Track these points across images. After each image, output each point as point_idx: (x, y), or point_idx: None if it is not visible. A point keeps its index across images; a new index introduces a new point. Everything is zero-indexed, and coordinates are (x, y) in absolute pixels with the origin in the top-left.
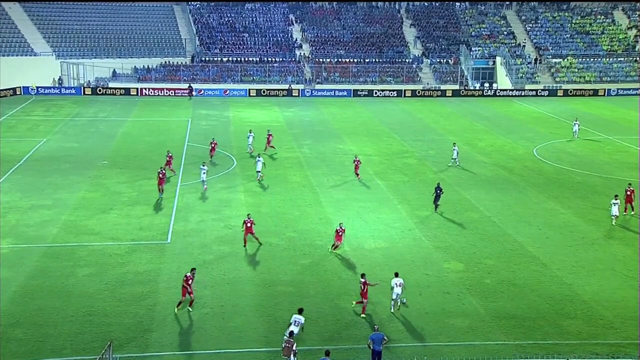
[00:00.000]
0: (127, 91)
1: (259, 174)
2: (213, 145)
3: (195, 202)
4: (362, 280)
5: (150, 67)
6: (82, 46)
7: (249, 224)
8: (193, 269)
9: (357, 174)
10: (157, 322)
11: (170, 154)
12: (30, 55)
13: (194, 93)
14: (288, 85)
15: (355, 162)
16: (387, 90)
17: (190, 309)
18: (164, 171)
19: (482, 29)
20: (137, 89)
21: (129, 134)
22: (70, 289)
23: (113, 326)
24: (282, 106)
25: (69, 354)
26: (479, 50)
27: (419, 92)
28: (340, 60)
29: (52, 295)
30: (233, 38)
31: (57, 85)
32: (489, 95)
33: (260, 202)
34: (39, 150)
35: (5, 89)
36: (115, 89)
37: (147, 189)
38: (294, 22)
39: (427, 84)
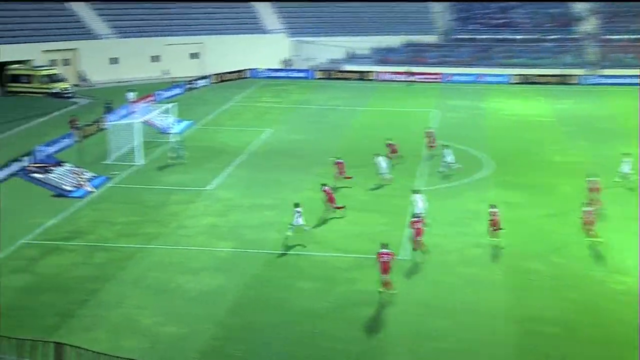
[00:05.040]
0: (363, 75)
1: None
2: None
3: (435, 211)
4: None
5: (390, 47)
6: (315, 23)
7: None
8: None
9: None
10: (387, 353)
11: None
12: (261, 34)
13: (413, 79)
14: (562, 71)
15: (594, 186)
16: None
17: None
18: (328, 186)
19: None
20: (374, 72)
21: (363, 125)
22: (290, 304)
23: (337, 352)
24: (552, 97)
25: None
26: None
27: None
28: (637, 38)
29: (269, 309)
30: (497, 10)
31: (285, 67)
32: None
33: (519, 217)
34: (263, 142)
35: (234, 72)
36: (350, 72)
37: (381, 193)
38: None
39: None
